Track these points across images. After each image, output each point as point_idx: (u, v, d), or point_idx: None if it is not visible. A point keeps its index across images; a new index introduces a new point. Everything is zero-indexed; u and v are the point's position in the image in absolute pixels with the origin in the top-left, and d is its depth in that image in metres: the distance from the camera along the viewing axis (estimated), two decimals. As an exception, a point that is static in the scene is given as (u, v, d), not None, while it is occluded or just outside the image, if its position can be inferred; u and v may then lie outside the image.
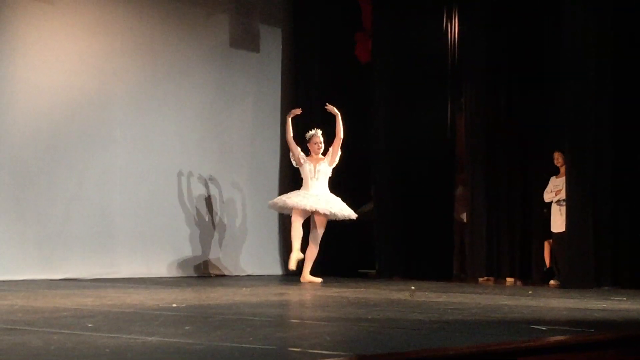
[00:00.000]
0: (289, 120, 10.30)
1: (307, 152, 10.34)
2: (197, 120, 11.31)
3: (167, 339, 4.70)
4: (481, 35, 11.26)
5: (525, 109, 11.17)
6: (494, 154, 11.20)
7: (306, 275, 10.14)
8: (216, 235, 11.41)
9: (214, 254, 11.36)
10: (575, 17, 10.06)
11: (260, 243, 11.90)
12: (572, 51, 10.10)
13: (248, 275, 11.44)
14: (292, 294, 8.55)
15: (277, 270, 11.97)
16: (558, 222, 10.61)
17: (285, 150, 11.62)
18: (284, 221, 12.10)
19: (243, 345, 4.54)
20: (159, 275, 10.71)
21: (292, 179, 11.05)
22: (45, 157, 9.96)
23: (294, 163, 10.37)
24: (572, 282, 9.99)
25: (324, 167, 10.17)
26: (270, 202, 10.45)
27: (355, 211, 10.49)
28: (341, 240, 11.90)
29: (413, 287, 7.87)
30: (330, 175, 10.28)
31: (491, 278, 11.17)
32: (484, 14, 11.26)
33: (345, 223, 11.99)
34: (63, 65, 10.17)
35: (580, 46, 10.03)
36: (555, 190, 10.68)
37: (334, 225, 11.98)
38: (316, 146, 10.25)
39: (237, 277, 11.11)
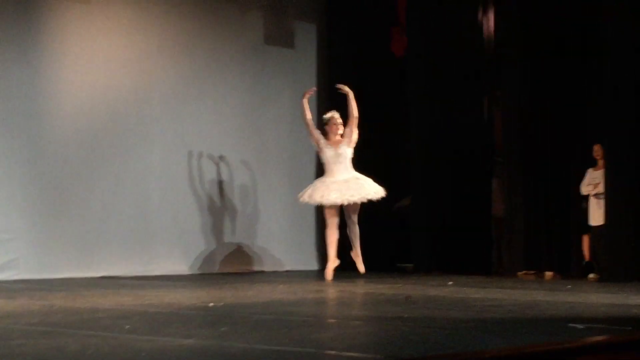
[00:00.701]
0: (305, 102, 9.91)
1: (325, 136, 9.99)
2: (234, 117, 11.35)
3: (203, 341, 4.73)
4: (517, 26, 11.16)
5: (563, 101, 11.06)
6: (531, 147, 11.11)
7: (358, 253, 10.02)
8: (254, 231, 11.45)
9: (251, 250, 11.40)
10: (617, 8, 9.96)
11: (297, 238, 11.94)
12: (613, 42, 10.01)
13: (286, 271, 11.48)
14: (329, 291, 8.56)
15: (314, 265, 11.99)
16: (596, 216, 10.52)
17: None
18: (320, 216, 12.14)
19: (279, 347, 4.55)
20: (197, 272, 10.77)
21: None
22: (85, 156, 10.06)
23: (314, 146, 10.09)
24: (611, 275, 9.91)
25: (344, 150, 9.87)
26: (300, 199, 10.05)
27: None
28: (379, 235, 11.89)
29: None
30: (352, 156, 9.97)
31: (530, 272, 11.09)
32: (519, 4, 11.17)
33: (384, 217, 12.04)
34: (101, 65, 10.25)
35: (621, 38, 9.94)
36: (593, 183, 10.59)
37: (372, 220, 12.00)
38: (335, 127, 9.91)
39: (275, 273, 11.14)
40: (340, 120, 9.93)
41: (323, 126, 10.00)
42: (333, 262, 9.87)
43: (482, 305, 6.86)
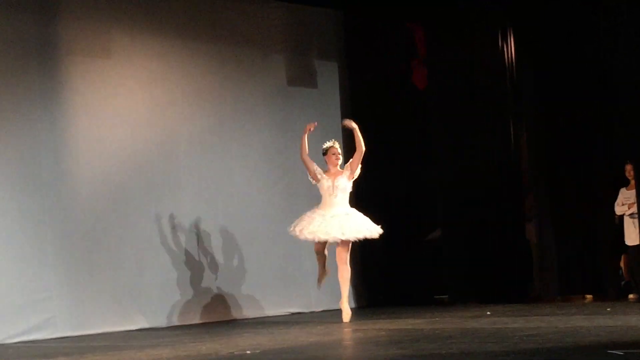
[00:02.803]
0: (305, 137, 9.72)
1: (323, 167, 9.81)
2: (261, 160, 11.38)
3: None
4: (538, 53, 11.15)
5: (589, 122, 11.00)
6: (559, 170, 11.06)
7: (345, 301, 9.58)
8: (286, 273, 11.42)
9: (286, 293, 11.36)
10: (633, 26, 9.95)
11: (332, 277, 11.87)
12: (633, 60, 9.98)
13: (323, 311, 11.41)
14: (365, 329, 8.51)
15: (350, 304, 11.91)
16: (632, 235, 10.45)
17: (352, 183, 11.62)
18: (353, 251, 12.09)
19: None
20: (235, 318, 10.74)
21: (358, 208, 11.00)
22: (116, 210, 10.09)
23: (311, 180, 9.82)
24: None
25: (342, 183, 9.62)
26: (290, 230, 9.78)
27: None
28: (414, 267, 11.85)
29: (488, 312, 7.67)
30: (350, 190, 9.72)
31: (569, 296, 11.00)
32: (539, 32, 11.15)
33: (415, 250, 11.99)
34: (125, 118, 10.31)
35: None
36: (627, 203, 10.52)
37: (406, 252, 11.96)
38: (334, 157, 9.69)
39: (312, 314, 11.10)
40: (339, 151, 9.76)
41: (322, 156, 9.83)
42: (323, 273, 9.84)
43: (520, 336, 6.80)
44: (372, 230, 9.59)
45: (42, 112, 9.69)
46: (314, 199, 11.39)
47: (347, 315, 9.50)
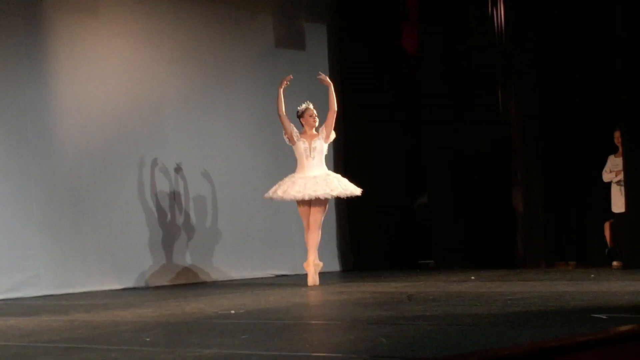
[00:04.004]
0: (280, 92, 9.45)
1: (299, 128, 9.59)
2: (247, 122, 11.33)
3: (223, 351, 4.71)
4: (529, 17, 11.08)
5: (579, 89, 10.98)
6: (548, 136, 11.04)
7: (311, 261, 9.35)
8: (271, 235, 11.41)
9: (271, 255, 11.37)
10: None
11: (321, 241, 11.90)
12: (627, 26, 9.97)
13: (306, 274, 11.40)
14: (350, 291, 8.51)
15: (336, 267, 11.95)
16: (619, 203, 10.44)
17: (339, 145, 11.59)
18: (341, 215, 12.10)
19: (299, 353, 4.53)
20: (221, 279, 10.75)
21: (347, 174, 10.97)
22: (100, 168, 10.07)
23: (286, 140, 9.56)
24: (634, 262, 9.84)
25: (319, 145, 9.38)
26: (265, 195, 9.58)
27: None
28: (399, 232, 11.88)
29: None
30: (326, 153, 9.51)
31: (553, 262, 11.03)
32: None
33: (403, 215, 12.01)
34: (111, 76, 10.26)
35: (635, 23, 9.89)
36: (615, 170, 10.52)
37: (391, 217, 11.97)
38: (311, 119, 9.45)
39: (297, 276, 11.10)
40: (315, 112, 9.52)
41: (297, 118, 9.62)
42: (314, 266, 9.36)
43: (505, 299, 6.81)
44: (355, 189, 9.44)
45: (26, 68, 9.63)
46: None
47: (312, 279, 9.32)
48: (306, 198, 9.25)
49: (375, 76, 12.00)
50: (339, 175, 9.58)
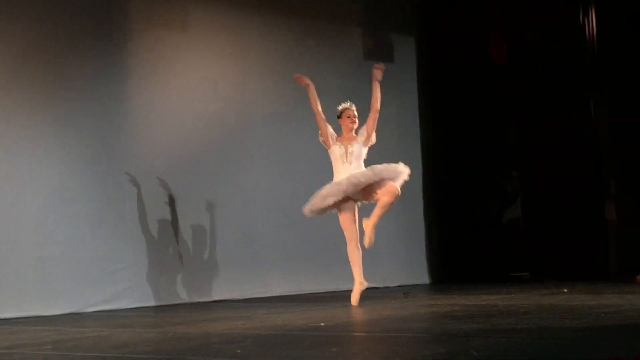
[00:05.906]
0: (311, 90, 8.72)
1: (338, 131, 8.91)
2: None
3: (313, 363, 4.71)
4: (621, 27, 10.91)
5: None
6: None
7: (371, 223, 8.43)
8: (363, 247, 11.39)
9: (363, 267, 11.33)
10: None
11: (407, 252, 11.86)
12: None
13: (398, 286, 11.39)
14: (440, 304, 8.46)
15: (425, 279, 11.89)
16: None
17: (428, 159, 11.54)
18: (431, 227, 12.03)
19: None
20: (309, 292, 10.76)
21: (436, 186, 10.93)
22: (190, 183, 10.18)
23: (321, 141, 8.79)
24: None
25: (357, 149, 8.53)
26: (305, 209, 8.70)
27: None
28: (491, 244, 11.78)
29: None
30: (365, 157, 8.63)
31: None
32: (621, 6, 10.91)
33: (496, 228, 11.88)
34: (199, 92, 10.37)
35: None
36: None
37: (483, 229, 11.86)
38: (349, 120, 8.63)
39: (386, 289, 11.07)
40: (355, 113, 8.72)
41: (336, 119, 8.88)
42: (359, 285, 8.61)
43: (598, 313, 6.69)
44: (402, 169, 8.46)
45: (114, 86, 9.73)
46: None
47: (368, 239, 8.51)
48: (349, 191, 8.36)
49: (464, 87, 11.94)
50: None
